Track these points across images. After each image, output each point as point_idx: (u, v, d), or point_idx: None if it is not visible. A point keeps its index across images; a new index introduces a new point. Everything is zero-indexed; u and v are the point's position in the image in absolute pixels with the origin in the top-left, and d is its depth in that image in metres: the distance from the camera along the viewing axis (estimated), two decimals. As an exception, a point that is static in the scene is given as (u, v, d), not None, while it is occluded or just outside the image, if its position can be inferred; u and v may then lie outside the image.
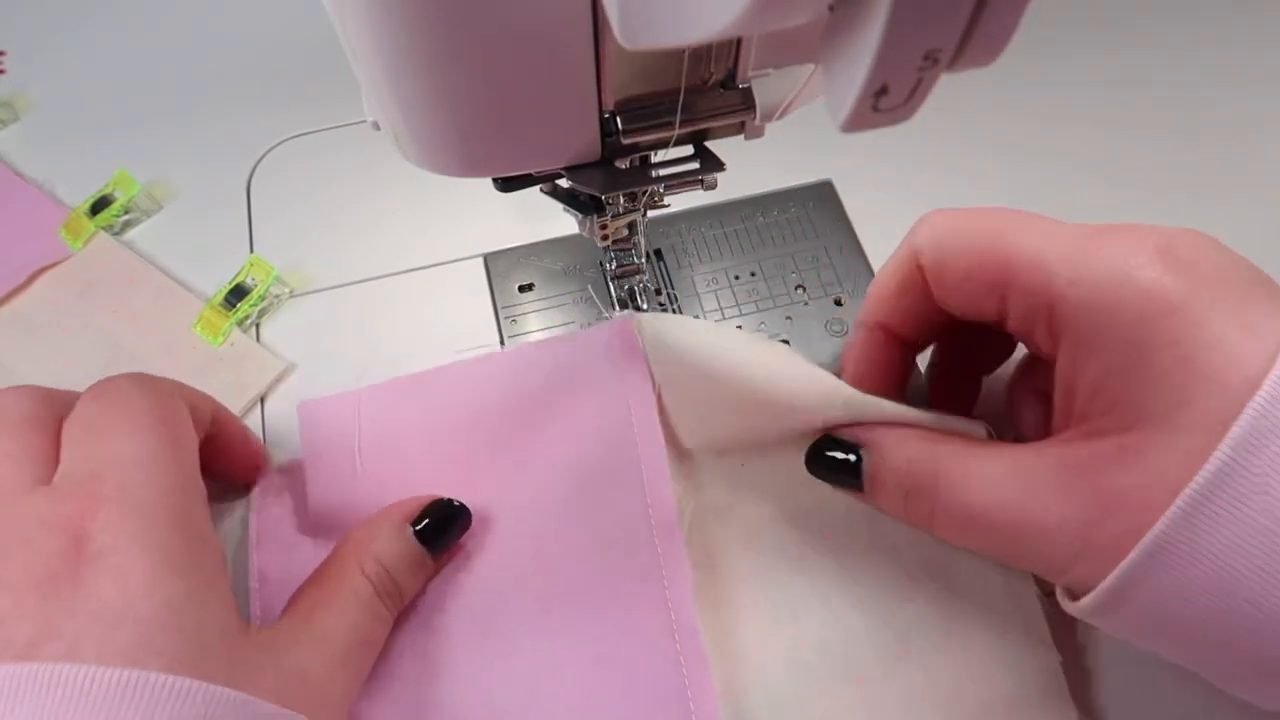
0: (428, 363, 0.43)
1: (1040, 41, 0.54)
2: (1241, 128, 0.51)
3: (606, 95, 0.25)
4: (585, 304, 0.45)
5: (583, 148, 0.27)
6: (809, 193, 0.49)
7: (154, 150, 0.52)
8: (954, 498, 0.26)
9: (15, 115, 0.55)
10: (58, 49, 0.58)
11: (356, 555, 0.29)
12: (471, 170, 0.27)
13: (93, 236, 0.48)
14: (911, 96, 0.14)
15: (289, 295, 0.46)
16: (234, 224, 0.49)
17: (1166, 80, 0.53)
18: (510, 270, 0.46)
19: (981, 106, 0.52)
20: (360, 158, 0.51)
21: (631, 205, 0.35)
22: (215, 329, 0.44)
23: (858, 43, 0.14)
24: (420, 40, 0.22)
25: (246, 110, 0.54)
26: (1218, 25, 0.55)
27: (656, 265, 0.46)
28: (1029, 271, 0.26)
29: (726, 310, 0.45)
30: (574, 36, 0.22)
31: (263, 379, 0.43)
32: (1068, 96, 0.52)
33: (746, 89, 0.26)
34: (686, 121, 0.26)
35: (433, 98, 0.24)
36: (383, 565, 0.29)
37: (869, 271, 0.46)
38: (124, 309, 0.46)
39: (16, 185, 0.51)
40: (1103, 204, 0.48)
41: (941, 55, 0.14)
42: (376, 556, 0.29)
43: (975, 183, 0.49)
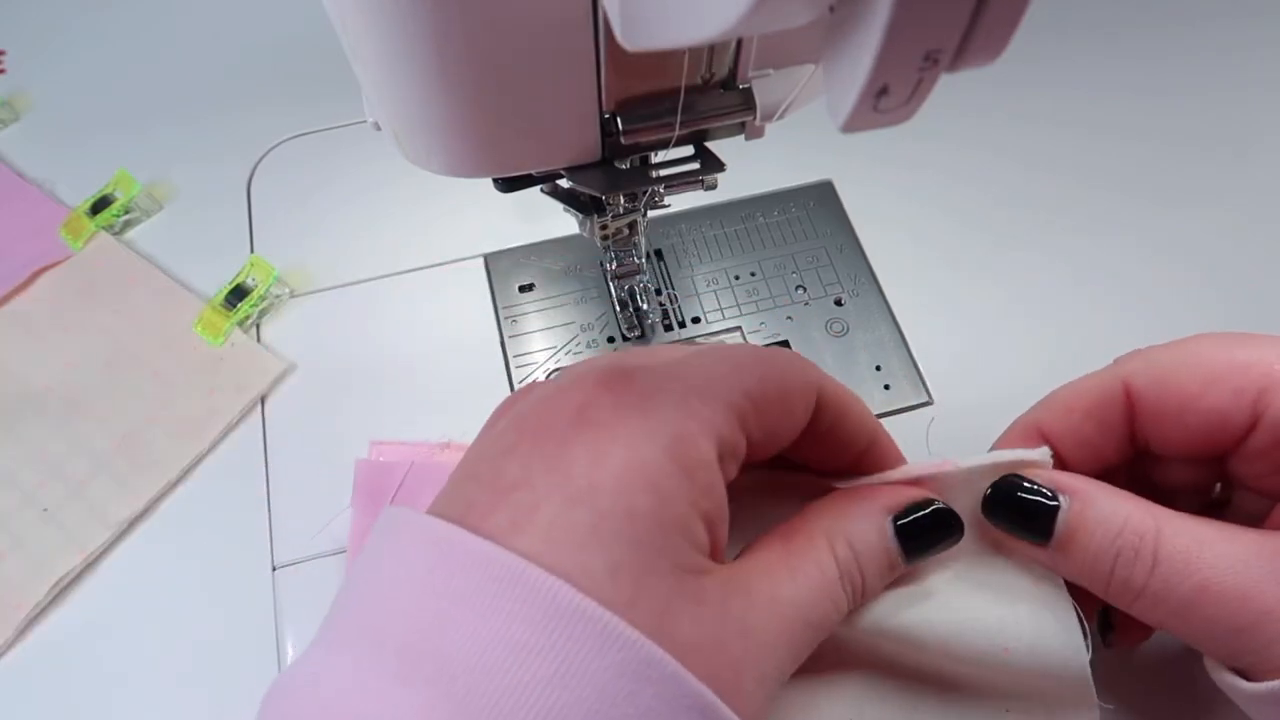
0: (428, 363, 0.44)
1: (1041, 43, 0.54)
2: (1243, 133, 0.51)
3: (606, 95, 0.25)
4: (586, 304, 0.45)
5: (583, 148, 0.27)
6: (809, 193, 0.49)
7: (154, 150, 0.52)
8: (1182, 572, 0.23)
9: (15, 115, 0.55)
10: (58, 49, 0.58)
11: (828, 531, 0.25)
12: (471, 170, 0.27)
13: (93, 236, 0.48)
14: (912, 97, 0.14)
15: (289, 295, 0.46)
16: (234, 224, 0.49)
17: (1168, 85, 0.53)
18: (510, 270, 0.46)
19: (982, 108, 0.52)
20: (360, 158, 0.51)
21: (631, 205, 0.35)
22: (216, 329, 0.44)
23: (858, 43, 0.14)
24: (420, 41, 0.22)
25: (246, 110, 0.54)
26: (1221, 31, 0.55)
27: (656, 265, 0.46)
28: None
29: (726, 310, 0.45)
30: (574, 37, 0.22)
31: (263, 379, 0.43)
32: (1068, 98, 0.52)
33: (746, 89, 0.26)
34: (687, 122, 0.26)
35: (433, 98, 0.24)
36: (854, 551, 0.25)
37: (869, 271, 0.46)
38: (124, 309, 0.46)
39: (16, 185, 0.51)
40: (1103, 206, 0.48)
41: (942, 56, 0.14)
42: (850, 539, 0.25)
43: (975, 184, 0.49)
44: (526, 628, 0.19)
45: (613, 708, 0.18)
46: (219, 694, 0.36)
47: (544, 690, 0.18)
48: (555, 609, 0.19)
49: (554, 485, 0.21)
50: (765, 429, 0.24)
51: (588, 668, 0.19)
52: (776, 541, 0.25)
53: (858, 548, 0.25)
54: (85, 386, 0.43)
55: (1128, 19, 0.56)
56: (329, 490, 0.40)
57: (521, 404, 0.24)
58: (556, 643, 0.19)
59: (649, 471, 0.21)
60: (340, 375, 0.44)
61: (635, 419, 0.22)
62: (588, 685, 0.18)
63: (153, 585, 0.39)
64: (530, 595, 0.19)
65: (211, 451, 0.42)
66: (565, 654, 0.19)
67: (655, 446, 0.21)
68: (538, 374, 0.43)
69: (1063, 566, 0.26)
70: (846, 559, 0.25)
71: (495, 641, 0.19)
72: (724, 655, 0.21)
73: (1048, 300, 0.45)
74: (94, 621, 0.38)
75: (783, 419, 0.25)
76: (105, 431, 0.42)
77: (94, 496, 0.40)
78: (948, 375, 0.42)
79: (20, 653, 0.37)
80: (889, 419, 0.41)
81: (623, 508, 0.21)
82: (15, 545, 0.39)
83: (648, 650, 0.19)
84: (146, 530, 0.40)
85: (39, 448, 0.42)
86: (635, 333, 0.44)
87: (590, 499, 0.21)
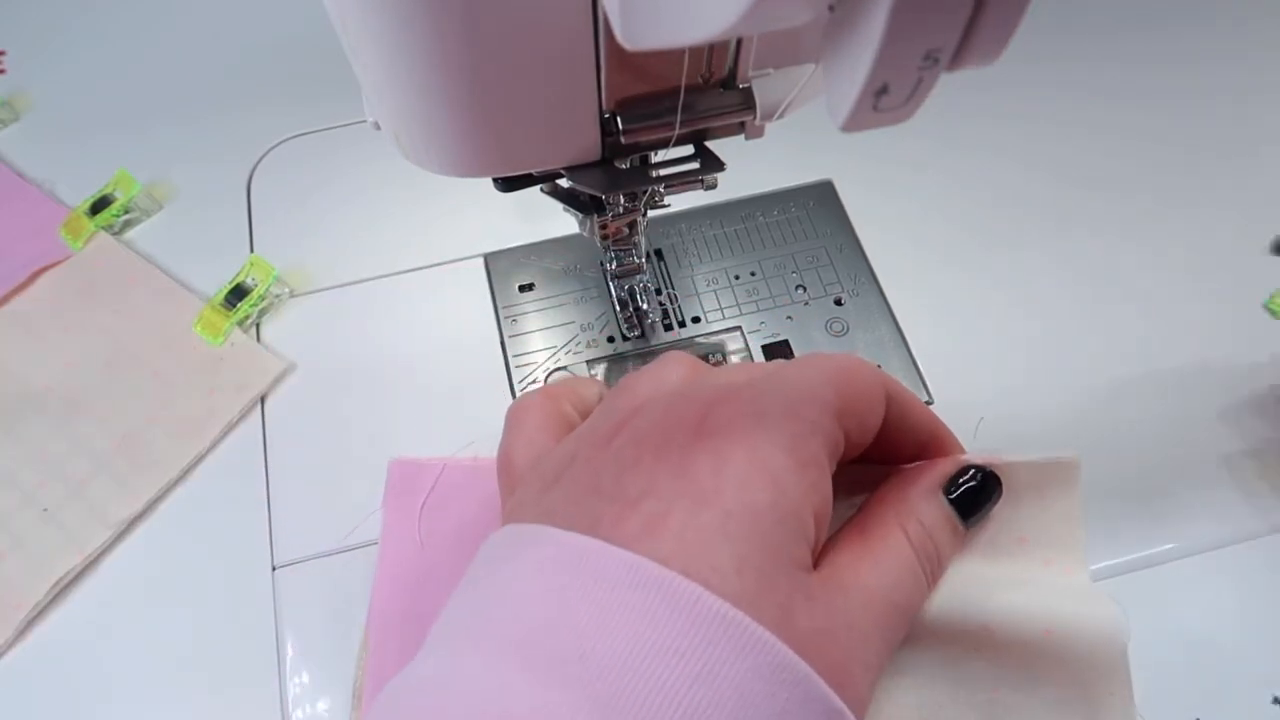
0: (428, 362, 0.44)
1: (1041, 44, 0.54)
2: (1243, 134, 0.51)
3: (606, 95, 0.25)
4: (586, 303, 0.45)
5: (583, 148, 0.27)
6: (809, 193, 0.49)
7: (154, 150, 0.52)
8: None
9: (15, 115, 0.55)
10: (58, 49, 0.58)
11: (897, 513, 0.27)
12: (471, 170, 0.27)
13: (93, 236, 0.48)
14: (911, 96, 0.14)
15: (289, 295, 0.46)
16: (234, 224, 0.49)
17: (1168, 86, 0.53)
18: (510, 270, 0.46)
19: (982, 108, 0.52)
20: (360, 158, 0.51)
21: (631, 205, 0.35)
22: (215, 329, 0.44)
23: (858, 43, 0.14)
24: (420, 41, 0.22)
25: (246, 110, 0.54)
26: (1222, 33, 0.55)
27: (656, 265, 0.46)
28: None
29: (726, 310, 0.45)
30: (574, 37, 0.22)
31: (263, 379, 0.43)
32: (1068, 99, 0.52)
33: (746, 89, 0.26)
34: (687, 121, 0.26)
35: (433, 98, 0.24)
36: (924, 527, 0.27)
37: (869, 271, 0.46)
38: (124, 309, 0.46)
39: (16, 185, 0.51)
40: (1103, 206, 0.48)
41: (941, 55, 0.14)
42: (919, 517, 0.27)
43: (975, 184, 0.49)
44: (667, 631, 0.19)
45: (752, 709, 0.19)
46: (219, 694, 0.36)
47: (689, 690, 0.19)
48: (695, 614, 0.20)
49: (681, 491, 0.22)
50: (856, 427, 0.26)
51: (729, 670, 0.19)
52: (855, 534, 0.27)
53: (926, 524, 0.27)
54: (85, 386, 0.43)
55: (1128, 20, 0.56)
56: (329, 490, 0.40)
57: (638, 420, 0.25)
58: (697, 645, 0.19)
59: (769, 468, 0.23)
60: (340, 375, 0.44)
61: (752, 423, 0.23)
62: (728, 687, 0.19)
63: (153, 585, 0.39)
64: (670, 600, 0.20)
65: (211, 451, 0.42)
66: (706, 656, 0.19)
67: (773, 445, 0.23)
68: (538, 374, 0.43)
69: None
70: (919, 536, 0.26)
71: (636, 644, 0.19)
72: (836, 648, 0.22)
73: (1047, 300, 0.45)
74: (94, 621, 0.38)
75: (868, 417, 0.26)
76: (105, 431, 0.42)
77: (94, 496, 0.40)
78: (948, 375, 0.42)
79: (20, 653, 0.37)
80: (889, 419, 0.41)
81: (746, 504, 0.22)
82: (15, 545, 0.39)
83: (783, 654, 0.20)
84: (146, 530, 0.40)
85: (39, 448, 0.42)
86: (635, 332, 0.44)
87: (716, 499, 0.22)
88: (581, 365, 0.43)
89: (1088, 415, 0.41)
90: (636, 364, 0.43)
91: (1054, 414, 0.41)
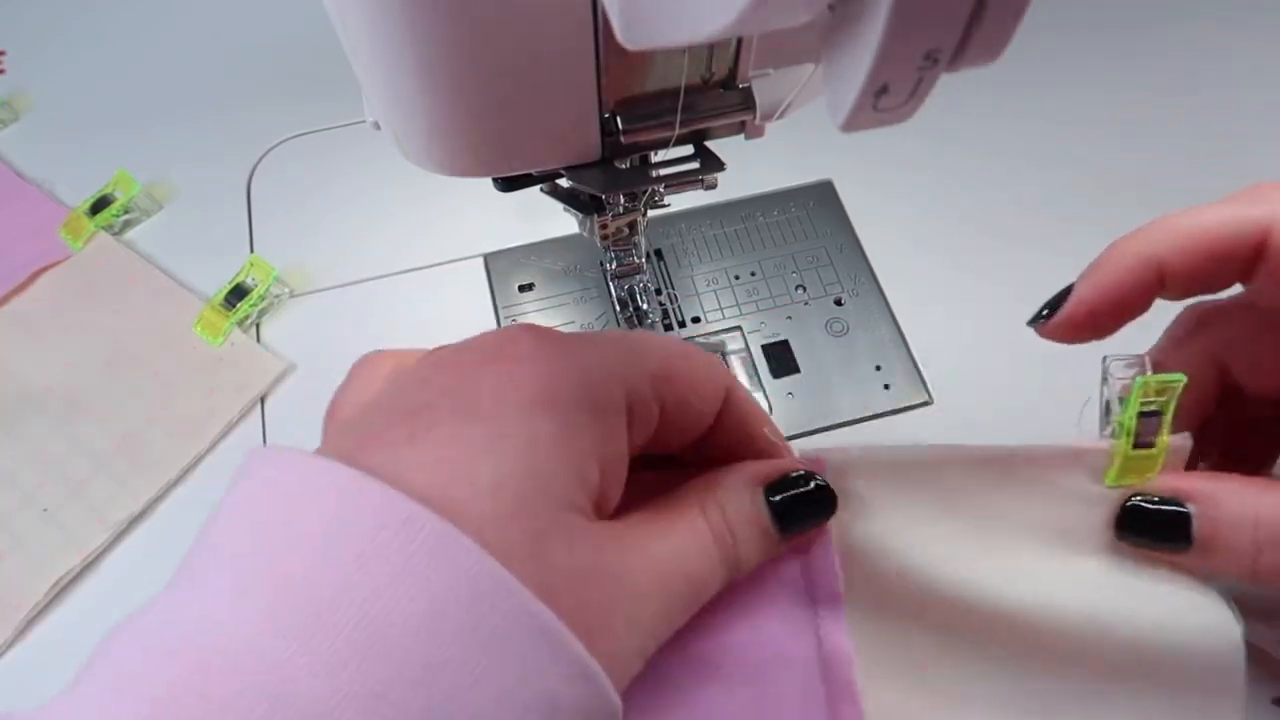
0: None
1: (1041, 43, 0.54)
2: (1244, 131, 0.51)
3: (606, 95, 0.25)
4: (586, 303, 0.45)
5: (583, 147, 0.27)
6: (809, 193, 0.49)
7: (154, 150, 0.52)
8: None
9: (15, 115, 0.55)
10: (58, 49, 0.58)
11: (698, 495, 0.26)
12: (471, 170, 0.27)
13: (93, 236, 0.48)
14: (911, 96, 0.14)
15: (289, 295, 0.46)
16: (234, 224, 0.49)
17: (1170, 84, 0.53)
18: (510, 270, 0.46)
19: (982, 107, 0.52)
20: (360, 158, 0.51)
21: (631, 205, 0.35)
22: (215, 329, 0.44)
23: (858, 42, 0.14)
24: (420, 40, 0.22)
25: (246, 110, 0.54)
26: (1221, 29, 0.55)
27: (656, 265, 0.46)
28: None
29: (726, 310, 0.45)
30: (574, 37, 0.22)
31: (263, 379, 0.43)
32: (1068, 98, 0.52)
33: (746, 89, 0.26)
34: (686, 121, 0.26)
35: (433, 97, 0.24)
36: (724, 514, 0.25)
37: (869, 271, 0.46)
38: (124, 309, 0.46)
39: (16, 185, 0.51)
40: (1102, 206, 0.48)
41: (941, 55, 0.14)
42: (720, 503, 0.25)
43: (975, 183, 0.49)
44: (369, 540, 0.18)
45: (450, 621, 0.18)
46: (219, 694, 0.36)
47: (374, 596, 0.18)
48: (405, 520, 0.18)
49: (459, 407, 0.21)
50: (674, 402, 0.25)
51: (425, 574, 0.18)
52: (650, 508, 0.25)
53: (728, 512, 0.25)
54: (85, 386, 0.43)
55: (1129, 18, 0.56)
56: (329, 490, 0.40)
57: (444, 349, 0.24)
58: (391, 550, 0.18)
59: (558, 400, 0.22)
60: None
61: (554, 357, 0.22)
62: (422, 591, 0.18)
63: (153, 585, 0.38)
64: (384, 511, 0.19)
65: (211, 451, 0.42)
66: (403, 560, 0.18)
67: (568, 381, 0.22)
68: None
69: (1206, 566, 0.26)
70: (717, 521, 0.25)
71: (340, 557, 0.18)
72: (593, 591, 0.21)
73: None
74: (94, 621, 0.38)
75: (691, 398, 0.25)
76: (105, 431, 0.42)
77: (94, 496, 0.40)
78: (948, 375, 0.42)
79: (20, 653, 0.37)
80: (889, 419, 0.41)
81: (525, 429, 0.21)
82: (15, 545, 0.39)
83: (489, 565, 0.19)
84: (146, 530, 0.40)
85: (39, 448, 0.42)
86: (635, 333, 0.44)
87: (493, 417, 0.21)
88: (581, 365, 0.43)
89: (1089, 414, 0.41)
90: (636, 364, 0.43)
91: (1055, 414, 0.41)
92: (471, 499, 0.20)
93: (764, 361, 0.43)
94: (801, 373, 0.43)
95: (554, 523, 0.21)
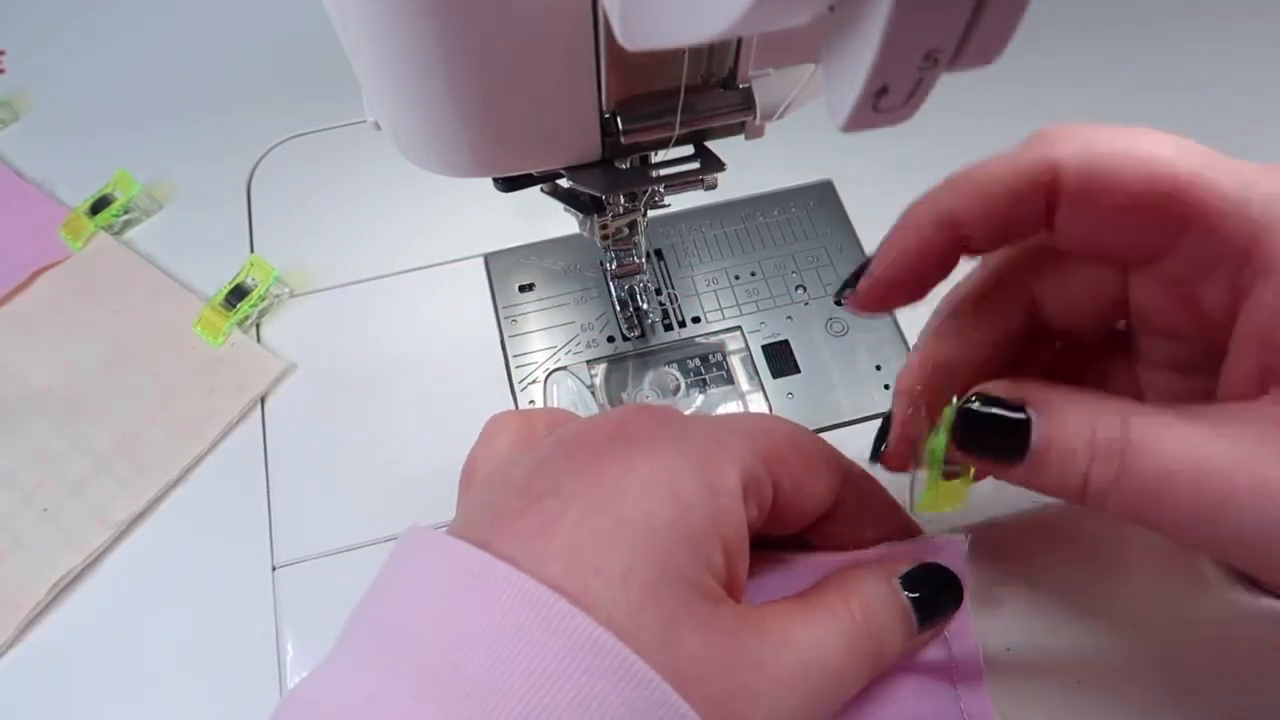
0: (428, 363, 0.44)
1: (1041, 43, 0.54)
2: (1241, 131, 0.51)
3: (606, 95, 0.25)
4: (586, 303, 0.45)
5: (583, 148, 0.27)
6: (809, 193, 0.49)
7: (154, 150, 0.52)
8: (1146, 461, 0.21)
9: (15, 115, 0.55)
10: (58, 49, 0.58)
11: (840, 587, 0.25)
12: (471, 170, 0.27)
13: (93, 236, 0.48)
14: (911, 97, 0.14)
15: (289, 295, 0.46)
16: (234, 224, 0.49)
17: (1170, 84, 0.53)
18: (510, 270, 0.46)
19: (982, 107, 0.52)
20: (360, 158, 0.51)
21: (632, 205, 0.35)
22: (215, 329, 0.44)
23: (858, 43, 0.14)
24: (420, 40, 0.22)
25: (246, 110, 0.54)
26: (1222, 30, 0.55)
27: (656, 265, 0.46)
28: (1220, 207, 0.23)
29: (726, 310, 0.45)
30: (574, 37, 0.22)
31: (263, 379, 0.43)
32: (1068, 98, 0.52)
33: (746, 89, 0.26)
34: (687, 121, 0.26)
35: (433, 98, 0.24)
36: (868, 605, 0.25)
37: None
38: (124, 309, 0.46)
39: (16, 185, 0.51)
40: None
41: (941, 55, 0.14)
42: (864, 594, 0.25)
43: (975, 183, 0.49)
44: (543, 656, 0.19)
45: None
46: (219, 694, 0.36)
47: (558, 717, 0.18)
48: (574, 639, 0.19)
49: (581, 492, 0.22)
50: (789, 481, 0.25)
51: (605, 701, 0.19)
52: (793, 598, 0.25)
53: (871, 603, 0.25)
54: (85, 386, 0.43)
55: (1130, 17, 0.56)
56: (329, 490, 0.40)
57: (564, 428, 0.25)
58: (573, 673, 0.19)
59: (674, 482, 0.22)
60: (340, 375, 0.44)
61: (668, 438, 0.23)
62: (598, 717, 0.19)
63: (153, 585, 0.39)
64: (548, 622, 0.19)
65: (211, 451, 0.42)
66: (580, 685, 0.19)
67: (683, 461, 0.22)
68: (538, 374, 0.43)
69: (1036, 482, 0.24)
70: (861, 610, 0.25)
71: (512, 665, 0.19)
72: (732, 681, 0.21)
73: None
74: (94, 621, 0.38)
75: (805, 477, 0.25)
76: (105, 431, 0.42)
77: (94, 496, 0.40)
78: (948, 375, 0.42)
79: (20, 653, 0.37)
80: (889, 419, 0.41)
81: (642, 513, 0.21)
82: (15, 545, 0.39)
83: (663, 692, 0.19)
84: (146, 530, 0.40)
85: (39, 448, 0.42)
86: (635, 332, 0.44)
87: (614, 503, 0.21)
88: (582, 365, 0.43)
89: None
90: (636, 364, 0.43)
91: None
92: (604, 591, 0.20)
93: (764, 361, 0.43)
94: (801, 373, 0.43)
95: (686, 609, 0.21)
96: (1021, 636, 0.28)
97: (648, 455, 0.22)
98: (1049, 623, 0.28)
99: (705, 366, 0.43)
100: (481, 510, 0.23)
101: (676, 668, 0.20)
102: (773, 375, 0.43)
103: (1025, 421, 0.23)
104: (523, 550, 0.21)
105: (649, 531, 0.21)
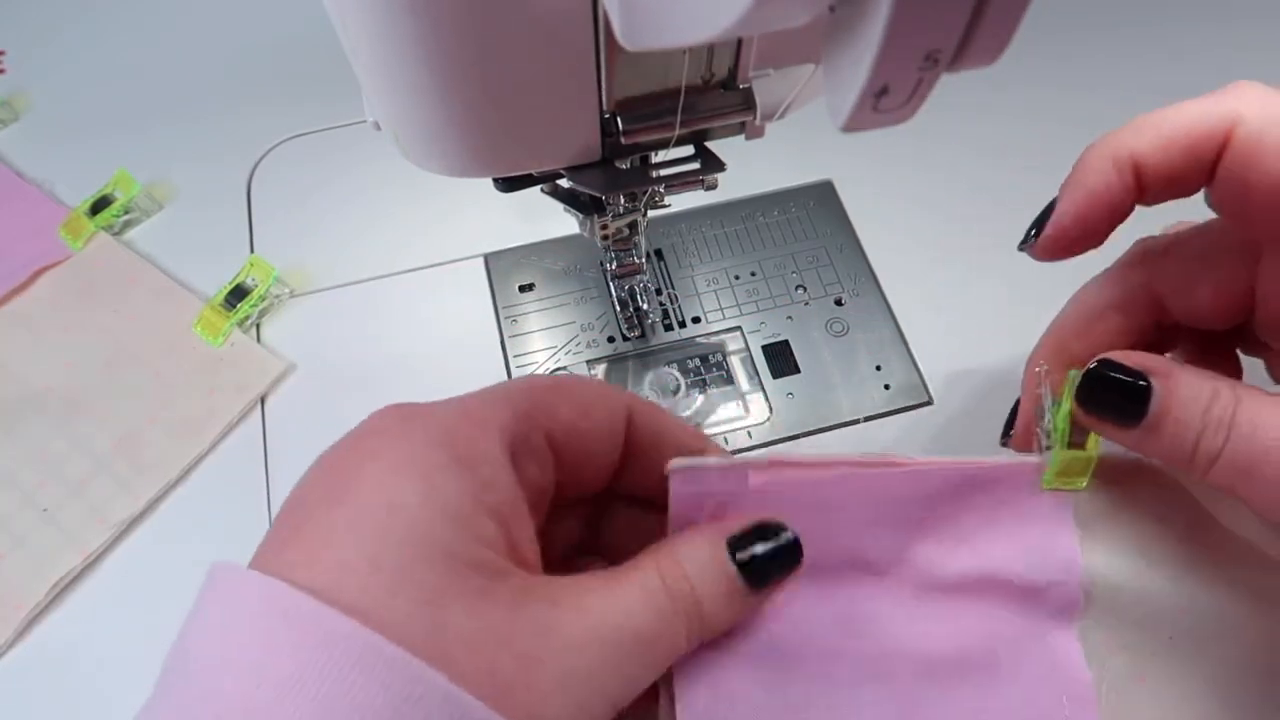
0: (428, 362, 0.43)
1: (1041, 43, 0.54)
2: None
3: (607, 95, 0.25)
4: (586, 304, 0.45)
5: (583, 148, 0.27)
6: (809, 193, 0.49)
7: (154, 150, 0.52)
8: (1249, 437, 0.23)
9: (15, 115, 0.55)
10: (58, 49, 0.58)
11: (655, 556, 0.25)
12: (471, 170, 0.27)
13: (93, 236, 0.48)
14: (912, 97, 0.14)
15: (289, 295, 0.46)
16: (234, 224, 0.49)
17: (1171, 84, 0.53)
18: (510, 270, 0.46)
19: (982, 108, 0.52)
20: (360, 158, 0.51)
21: (632, 205, 0.35)
22: (215, 329, 0.44)
23: (858, 43, 0.14)
24: (420, 41, 0.22)
25: (246, 110, 0.54)
26: (1222, 31, 0.55)
27: (656, 265, 0.46)
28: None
29: (726, 310, 0.45)
30: (575, 37, 0.22)
31: (263, 379, 0.43)
32: (1068, 98, 0.52)
33: (746, 89, 0.26)
34: (687, 122, 0.26)
35: (433, 98, 0.24)
36: (684, 570, 0.24)
37: (869, 271, 0.46)
38: (124, 309, 0.46)
39: (16, 185, 0.51)
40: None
41: (941, 56, 0.14)
42: (679, 558, 0.24)
43: (975, 183, 0.49)
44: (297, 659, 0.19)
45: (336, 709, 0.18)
46: (219, 694, 0.36)
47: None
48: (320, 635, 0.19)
49: (322, 496, 0.22)
50: (564, 429, 0.25)
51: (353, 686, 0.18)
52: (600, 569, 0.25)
53: (688, 567, 0.24)
54: (85, 386, 0.43)
55: (1130, 18, 0.56)
56: (329, 490, 0.40)
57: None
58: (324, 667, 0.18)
59: (419, 462, 0.21)
60: (340, 375, 0.44)
61: (414, 422, 0.23)
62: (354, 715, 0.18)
63: (153, 585, 0.39)
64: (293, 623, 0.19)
65: (211, 451, 0.42)
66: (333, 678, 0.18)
67: (428, 439, 0.22)
68: (538, 374, 0.43)
69: (1148, 446, 0.26)
70: (676, 577, 0.24)
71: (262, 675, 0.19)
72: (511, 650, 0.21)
73: (1048, 300, 0.45)
74: (94, 621, 0.38)
75: (581, 420, 0.25)
76: (105, 431, 0.42)
77: (94, 496, 0.40)
78: (948, 375, 0.42)
79: (20, 653, 0.37)
80: (889, 419, 0.41)
81: (384, 500, 0.21)
82: (15, 545, 0.39)
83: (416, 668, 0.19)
84: (146, 530, 0.40)
85: (39, 448, 0.42)
86: (635, 332, 0.44)
87: (354, 497, 0.21)
88: (582, 365, 0.43)
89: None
90: (636, 364, 0.43)
91: (1054, 414, 0.41)
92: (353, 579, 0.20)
93: (764, 361, 0.43)
94: (801, 373, 0.43)
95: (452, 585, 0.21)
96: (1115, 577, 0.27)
97: (391, 444, 0.22)
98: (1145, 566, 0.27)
99: (705, 367, 0.43)
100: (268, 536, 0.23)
101: (440, 644, 0.19)
102: (773, 375, 0.43)
103: (1146, 388, 0.25)
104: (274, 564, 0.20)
105: (395, 516, 0.21)
